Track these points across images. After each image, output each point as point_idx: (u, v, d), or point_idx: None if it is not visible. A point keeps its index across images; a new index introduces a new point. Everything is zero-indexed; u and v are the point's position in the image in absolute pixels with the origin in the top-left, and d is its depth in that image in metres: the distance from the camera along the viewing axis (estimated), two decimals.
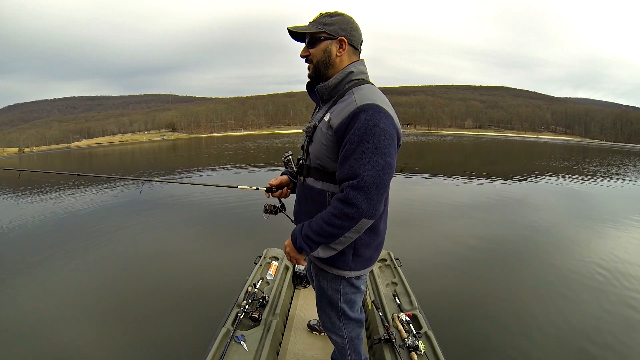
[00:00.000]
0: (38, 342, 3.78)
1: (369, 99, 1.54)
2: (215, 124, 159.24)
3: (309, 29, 1.69)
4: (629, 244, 6.82)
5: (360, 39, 1.74)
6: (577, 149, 53.31)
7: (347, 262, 1.78)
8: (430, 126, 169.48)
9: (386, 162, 1.50)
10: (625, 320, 4.10)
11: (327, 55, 1.70)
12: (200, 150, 41.29)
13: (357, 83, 1.66)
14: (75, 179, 14.96)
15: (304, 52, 1.74)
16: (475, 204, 10.29)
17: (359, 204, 1.48)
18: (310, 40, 1.71)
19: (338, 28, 1.67)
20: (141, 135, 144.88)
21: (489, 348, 3.60)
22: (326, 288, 1.92)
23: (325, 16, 1.69)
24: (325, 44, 1.69)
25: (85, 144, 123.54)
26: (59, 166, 32.30)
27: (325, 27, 1.67)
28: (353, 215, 1.50)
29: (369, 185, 1.48)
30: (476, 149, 43.08)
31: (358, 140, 1.48)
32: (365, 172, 1.47)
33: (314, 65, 1.74)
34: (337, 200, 1.54)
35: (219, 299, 3.65)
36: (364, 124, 1.48)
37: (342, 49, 1.69)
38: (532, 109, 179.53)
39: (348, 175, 1.52)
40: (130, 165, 28.32)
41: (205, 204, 9.90)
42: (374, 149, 1.47)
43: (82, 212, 9.72)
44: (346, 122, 1.54)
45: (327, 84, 1.70)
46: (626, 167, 24.45)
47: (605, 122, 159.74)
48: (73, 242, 6.92)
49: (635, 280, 5.14)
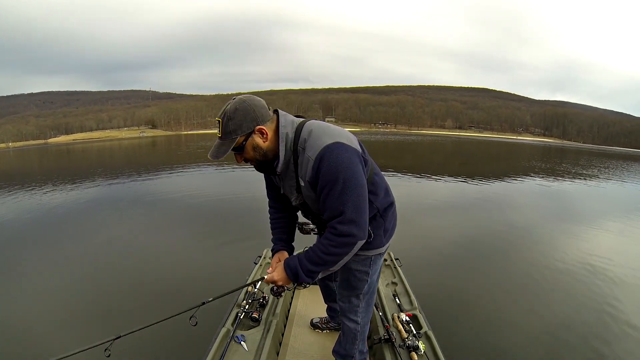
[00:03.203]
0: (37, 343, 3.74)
1: (316, 144, 1.66)
2: (196, 121, 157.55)
3: (227, 147, 1.69)
4: (604, 242, 7.24)
5: (265, 106, 1.74)
6: (555, 151, 54.30)
7: (381, 240, 1.99)
8: (411, 126, 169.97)
9: (359, 189, 1.66)
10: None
11: (259, 149, 1.73)
12: (180, 148, 40.87)
13: (297, 137, 1.73)
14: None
15: (240, 160, 1.78)
16: (461, 203, 10.56)
17: (352, 232, 1.66)
18: (236, 150, 1.72)
19: (247, 123, 1.67)
20: (120, 131, 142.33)
21: (489, 348, 3.65)
22: (355, 269, 2.05)
23: (228, 121, 1.66)
24: (249, 143, 1.71)
25: (63, 140, 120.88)
26: (37, 163, 31.61)
27: (237, 132, 1.67)
28: (349, 242, 1.68)
29: (353, 216, 1.65)
30: (456, 149, 43.54)
31: (330, 185, 1.63)
32: (346, 207, 1.63)
33: (256, 162, 1.80)
34: (332, 234, 1.70)
35: (219, 299, 3.63)
36: (327, 170, 1.62)
37: (264, 135, 1.71)
38: (512, 110, 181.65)
39: (333, 214, 1.68)
40: (109, 163, 27.85)
41: (205, 203, 9.84)
42: (345, 186, 1.62)
43: (81, 210, 9.65)
44: (314, 175, 1.67)
45: (281, 166, 1.77)
46: (600, 168, 25.03)
47: (583, 125, 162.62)
48: (73, 241, 6.91)
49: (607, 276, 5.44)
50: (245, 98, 1.69)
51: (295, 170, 1.78)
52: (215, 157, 1.70)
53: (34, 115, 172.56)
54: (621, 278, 5.41)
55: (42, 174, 19.57)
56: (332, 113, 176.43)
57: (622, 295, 4.84)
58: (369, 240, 1.86)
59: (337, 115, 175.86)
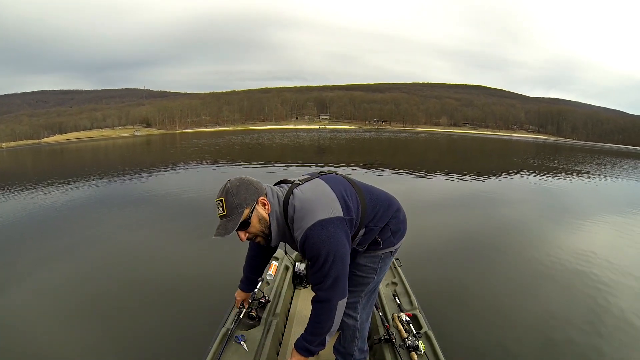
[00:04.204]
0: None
1: (300, 226, 1.82)
2: (190, 119, 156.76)
3: (235, 222, 1.78)
4: (599, 238, 7.34)
5: (258, 181, 1.89)
6: (549, 147, 54.53)
7: (391, 241, 2.12)
8: (406, 123, 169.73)
9: (339, 260, 1.81)
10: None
11: (264, 221, 1.87)
12: (175, 147, 40.74)
13: (286, 212, 1.88)
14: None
15: (244, 237, 1.88)
16: (458, 201, 10.62)
17: (329, 298, 1.85)
18: (242, 225, 1.82)
19: (251, 196, 1.81)
20: (114, 130, 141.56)
21: (490, 347, 3.67)
22: (363, 265, 2.17)
23: (231, 197, 1.77)
24: (255, 216, 1.83)
25: (57, 140, 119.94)
26: (30, 163, 31.43)
27: (243, 205, 1.78)
28: (330, 306, 1.86)
29: (332, 284, 1.84)
30: (451, 146, 43.64)
31: (314, 260, 1.82)
32: (326, 278, 1.83)
33: (262, 237, 1.93)
34: (315, 302, 1.90)
35: (219, 299, 3.63)
36: (311, 248, 1.80)
37: (266, 206, 1.85)
38: (506, 107, 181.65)
39: (315, 283, 1.89)
40: (104, 162, 27.74)
41: (204, 203, 9.81)
42: (327, 261, 1.79)
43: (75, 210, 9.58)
44: (302, 250, 1.87)
45: (274, 241, 1.95)
46: (594, 165, 25.15)
47: (577, 122, 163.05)
48: (71, 240, 6.87)
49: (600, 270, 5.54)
50: (240, 177, 1.84)
51: (291, 236, 1.93)
52: (224, 234, 1.76)
53: (28, 114, 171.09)
54: (615, 272, 5.48)
55: (36, 175, 19.45)
56: (327, 111, 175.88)
57: (617, 290, 4.92)
58: (378, 246, 2.09)
59: (331, 113, 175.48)
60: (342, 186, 1.98)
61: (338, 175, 2.10)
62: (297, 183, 1.96)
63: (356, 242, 2.06)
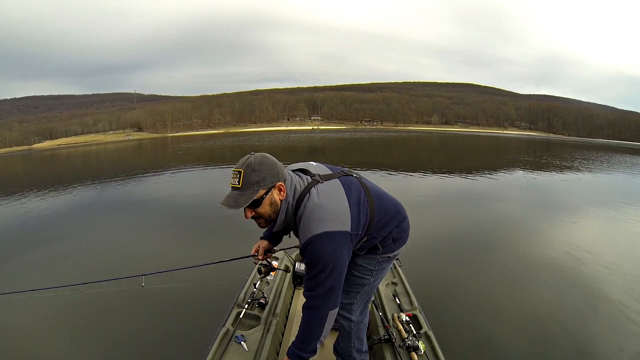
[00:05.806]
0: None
1: (305, 230, 1.78)
2: (182, 123, 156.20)
3: (248, 198, 1.72)
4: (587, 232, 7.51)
5: (282, 165, 1.84)
6: (540, 144, 54.84)
7: (390, 248, 2.07)
8: (397, 122, 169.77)
9: (335, 274, 1.79)
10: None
11: (275, 205, 1.82)
12: (166, 150, 40.63)
13: (297, 208, 1.84)
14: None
15: (251, 214, 1.82)
16: (454, 199, 10.77)
17: (320, 306, 1.83)
18: (253, 203, 1.75)
19: (271, 178, 1.74)
20: (106, 135, 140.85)
21: (490, 347, 3.69)
22: (360, 265, 2.13)
23: (252, 172, 1.71)
24: (268, 198, 1.77)
25: (48, 145, 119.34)
26: (21, 169, 31.22)
27: (260, 184, 1.72)
28: (321, 314, 1.84)
29: (325, 293, 1.81)
30: (443, 144, 43.82)
31: (311, 267, 1.82)
32: (320, 287, 1.80)
33: (265, 220, 1.87)
34: (305, 309, 1.89)
35: (219, 299, 3.63)
36: (311, 256, 1.78)
37: (282, 192, 1.80)
38: (497, 105, 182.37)
39: (309, 288, 1.86)
40: (96, 167, 27.60)
41: (204, 203, 9.79)
42: (324, 272, 1.77)
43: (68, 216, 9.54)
44: (303, 250, 1.82)
45: (277, 227, 1.95)
46: (581, 160, 25.41)
47: (568, 118, 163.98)
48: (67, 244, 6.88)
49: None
50: (266, 154, 1.77)
51: (296, 229, 1.91)
52: (233, 207, 1.70)
53: (17, 120, 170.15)
54: (607, 266, 5.61)
55: (27, 182, 19.33)
56: (318, 112, 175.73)
57: (610, 282, 5.08)
58: (377, 251, 2.05)
59: (322, 114, 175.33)
60: (359, 195, 1.92)
61: (356, 179, 2.02)
62: (317, 179, 1.88)
63: (356, 247, 2.00)
